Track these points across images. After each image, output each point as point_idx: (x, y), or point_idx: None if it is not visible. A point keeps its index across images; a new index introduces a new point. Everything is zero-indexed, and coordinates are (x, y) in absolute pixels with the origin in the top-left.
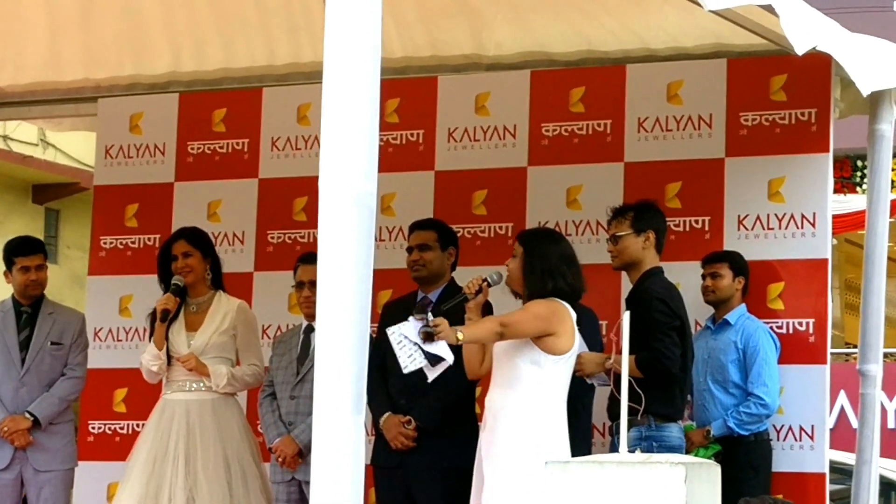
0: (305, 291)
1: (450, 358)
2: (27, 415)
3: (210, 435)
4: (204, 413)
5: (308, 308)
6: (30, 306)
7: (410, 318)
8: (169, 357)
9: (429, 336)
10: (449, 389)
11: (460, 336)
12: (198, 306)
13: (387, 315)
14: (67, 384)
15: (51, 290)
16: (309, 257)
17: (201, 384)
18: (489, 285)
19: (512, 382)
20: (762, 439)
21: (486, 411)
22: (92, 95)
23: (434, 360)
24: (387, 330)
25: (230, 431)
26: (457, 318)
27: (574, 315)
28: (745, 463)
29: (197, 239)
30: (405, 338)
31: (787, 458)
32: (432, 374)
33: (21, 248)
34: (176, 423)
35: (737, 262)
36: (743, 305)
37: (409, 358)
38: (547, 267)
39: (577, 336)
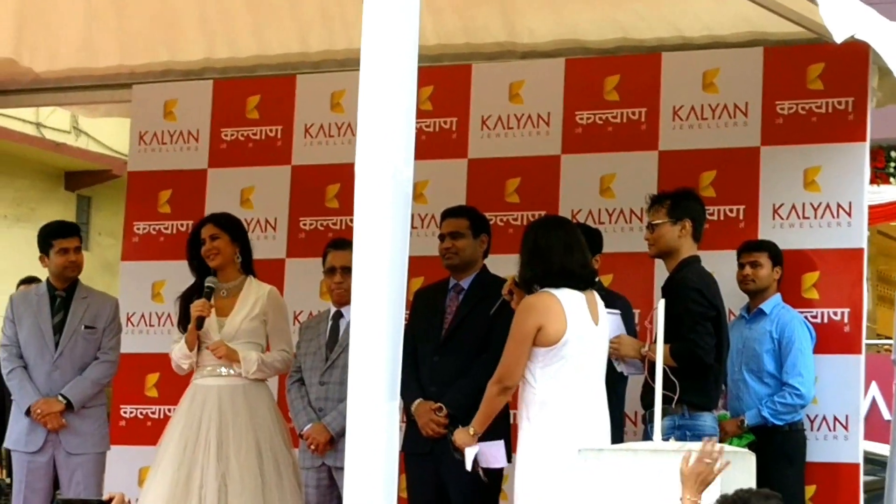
0: (337, 277)
1: (468, 465)
2: (60, 398)
3: (242, 420)
4: (236, 398)
5: (339, 294)
6: (64, 290)
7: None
8: (199, 340)
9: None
10: (480, 377)
11: (472, 431)
12: (228, 291)
13: (418, 302)
14: (100, 368)
15: (82, 277)
16: (340, 243)
17: (232, 370)
18: (518, 285)
19: (522, 382)
20: (797, 429)
21: None
22: (126, 82)
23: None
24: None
25: (261, 417)
26: (509, 314)
27: (572, 298)
28: (779, 453)
29: (224, 222)
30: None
31: (821, 449)
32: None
33: (59, 230)
34: (207, 408)
35: (775, 252)
36: (778, 295)
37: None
38: (530, 256)
39: (582, 320)
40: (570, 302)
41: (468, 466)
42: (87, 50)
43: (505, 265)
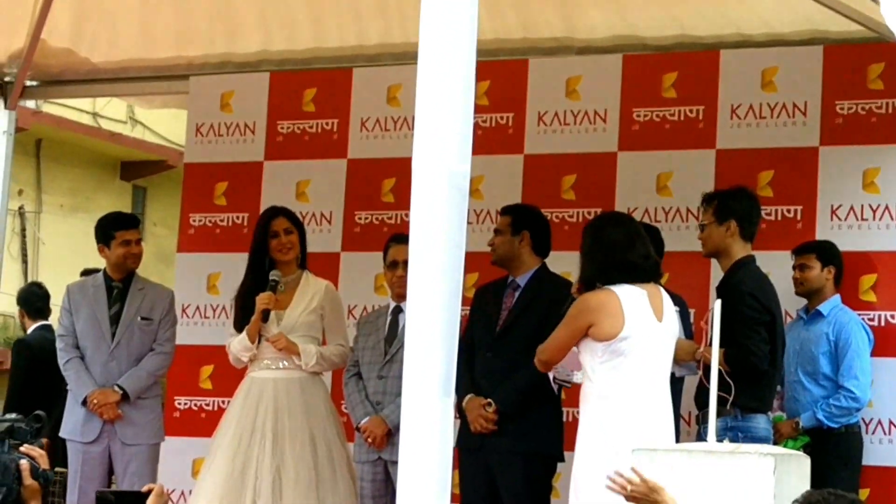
0: (399, 271)
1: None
2: (116, 388)
3: (298, 413)
4: (292, 391)
5: (401, 288)
6: (121, 281)
7: None
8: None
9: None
10: (531, 374)
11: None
12: (285, 284)
13: (477, 298)
14: (156, 359)
15: (138, 267)
16: (402, 237)
17: (290, 362)
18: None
19: (584, 374)
20: (852, 432)
21: None
22: (183, 73)
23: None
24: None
25: (317, 410)
26: None
27: (632, 293)
28: (834, 455)
29: (295, 218)
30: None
31: (876, 452)
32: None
33: (122, 221)
34: (264, 400)
35: (826, 252)
36: (837, 296)
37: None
38: (591, 253)
39: (644, 316)
40: (630, 298)
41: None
42: (144, 41)
43: (561, 262)
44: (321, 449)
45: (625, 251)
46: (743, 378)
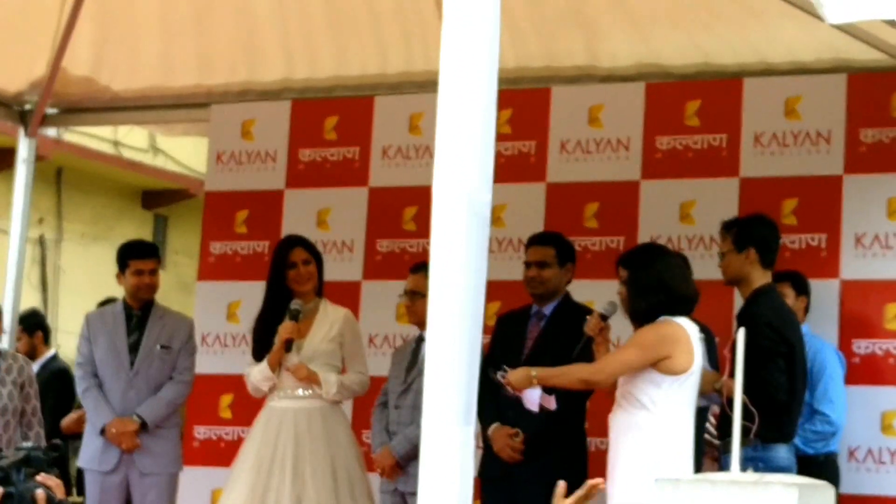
0: (408, 300)
1: (535, 404)
2: (135, 417)
3: (319, 443)
4: (313, 421)
5: (412, 316)
6: (140, 310)
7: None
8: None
9: (505, 387)
10: (558, 403)
11: (534, 373)
12: (304, 314)
13: (500, 327)
14: (175, 388)
15: (158, 296)
16: (418, 267)
17: (310, 391)
18: (605, 319)
19: (633, 403)
20: (831, 460)
21: (609, 430)
22: (204, 101)
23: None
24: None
25: (337, 439)
26: (590, 357)
27: (693, 329)
28: None
29: (312, 247)
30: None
31: None
32: (552, 406)
33: (136, 250)
34: (284, 430)
35: (798, 282)
36: (807, 325)
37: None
38: (647, 285)
39: (699, 351)
40: (692, 332)
41: (533, 407)
42: (165, 69)
43: (583, 290)
44: (342, 478)
45: (684, 283)
46: (761, 409)
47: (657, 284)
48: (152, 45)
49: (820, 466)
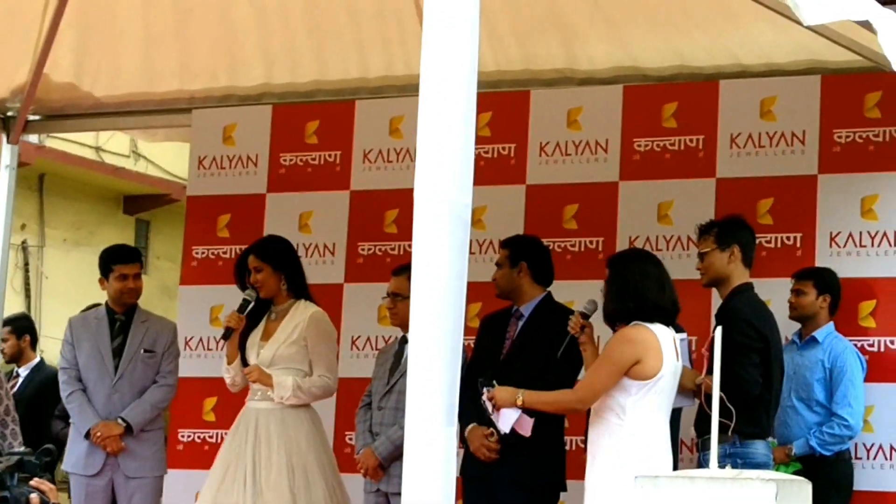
0: (390, 302)
1: (507, 427)
2: (119, 421)
3: (276, 443)
4: (271, 423)
5: (394, 318)
6: (123, 314)
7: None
8: (247, 365)
9: (488, 404)
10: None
11: (520, 399)
12: (277, 315)
13: (483, 327)
14: (159, 392)
15: (140, 301)
16: (399, 269)
17: (272, 393)
18: (586, 317)
19: (604, 409)
20: (843, 458)
21: (588, 434)
22: (186, 107)
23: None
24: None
25: (297, 441)
26: (572, 353)
27: (666, 334)
28: (826, 482)
29: (267, 253)
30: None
31: (877, 477)
32: (525, 433)
33: (120, 255)
34: (249, 431)
35: (823, 280)
36: (831, 324)
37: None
38: (626, 289)
39: (672, 355)
40: (664, 337)
41: (504, 427)
42: (146, 75)
43: (564, 291)
44: (299, 480)
45: (656, 294)
46: (736, 404)
47: (631, 290)
48: (134, 51)
49: (832, 465)
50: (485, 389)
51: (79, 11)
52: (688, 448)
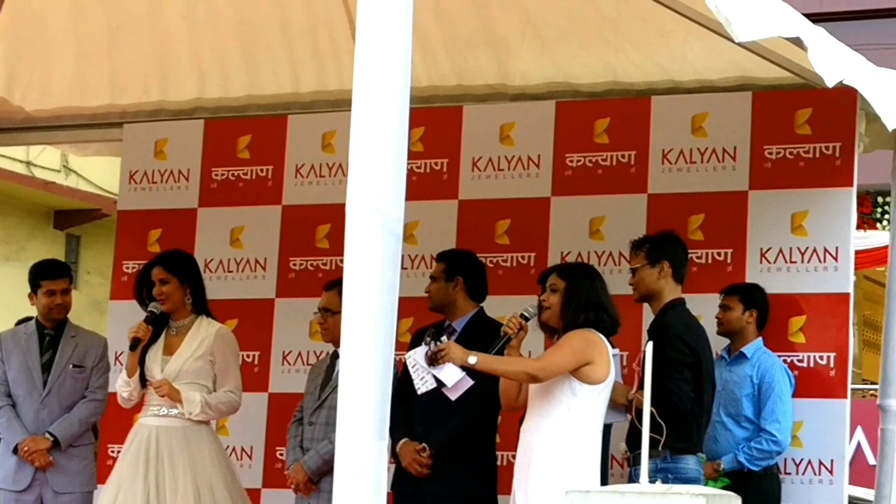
0: (320, 317)
1: (452, 381)
2: (47, 435)
3: (180, 462)
4: (173, 440)
5: (324, 333)
6: (53, 329)
7: (423, 343)
8: (145, 380)
9: (433, 359)
10: (467, 418)
11: (472, 360)
12: (177, 330)
13: (416, 342)
14: (88, 406)
15: (71, 316)
16: (330, 284)
17: (175, 410)
18: (526, 320)
19: (548, 412)
20: (771, 473)
21: (520, 442)
22: (117, 121)
23: (440, 382)
24: (405, 355)
25: (201, 459)
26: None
27: (610, 347)
28: (753, 497)
29: (173, 265)
30: (417, 362)
31: (806, 493)
32: (454, 395)
33: (48, 271)
34: (149, 449)
35: (749, 296)
36: (759, 339)
37: (421, 381)
38: (589, 300)
39: (614, 367)
40: (610, 350)
41: (449, 381)
42: (77, 89)
43: (496, 306)
44: (205, 498)
45: (613, 309)
46: (667, 418)
47: (595, 302)
48: (65, 65)
49: (760, 479)
50: (433, 342)
51: (9, 26)
52: (618, 463)
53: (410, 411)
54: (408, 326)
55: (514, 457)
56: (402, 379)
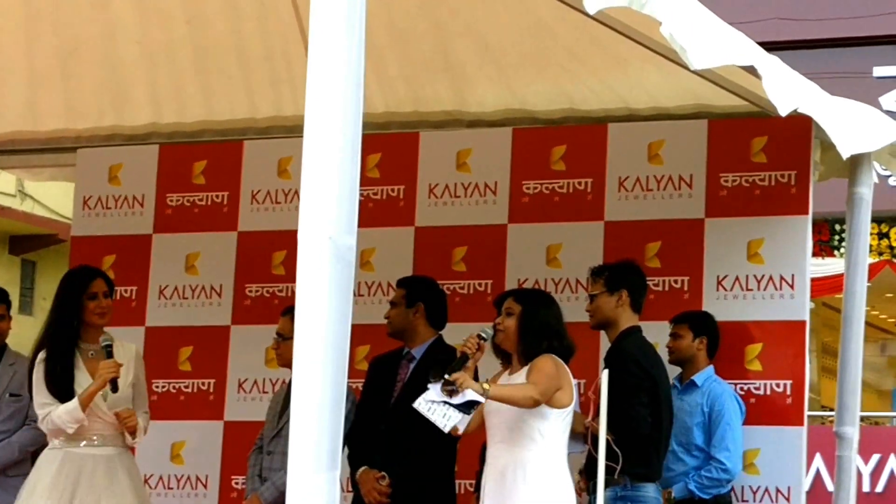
0: (273, 343)
1: (481, 399)
2: None
3: (125, 492)
4: (118, 468)
5: (280, 360)
6: None
7: (430, 385)
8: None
9: (453, 390)
10: (427, 446)
11: (486, 387)
12: (96, 352)
13: (373, 369)
14: (30, 434)
15: (26, 342)
16: (288, 310)
17: (113, 439)
18: (484, 340)
19: (518, 437)
20: (724, 500)
21: (488, 467)
22: (71, 146)
23: (466, 407)
24: (414, 406)
25: (136, 486)
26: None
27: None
28: None
29: (111, 281)
30: (432, 402)
31: None
32: (463, 426)
33: None
34: (84, 479)
35: (699, 323)
36: (710, 367)
37: (444, 418)
38: (546, 326)
39: (575, 394)
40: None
41: (475, 396)
42: (31, 113)
43: (452, 333)
44: None
45: (567, 335)
46: (627, 444)
47: (552, 328)
48: (18, 90)
49: None
50: (442, 377)
51: None
52: (576, 493)
53: (369, 439)
54: (364, 354)
55: (471, 485)
56: (360, 407)
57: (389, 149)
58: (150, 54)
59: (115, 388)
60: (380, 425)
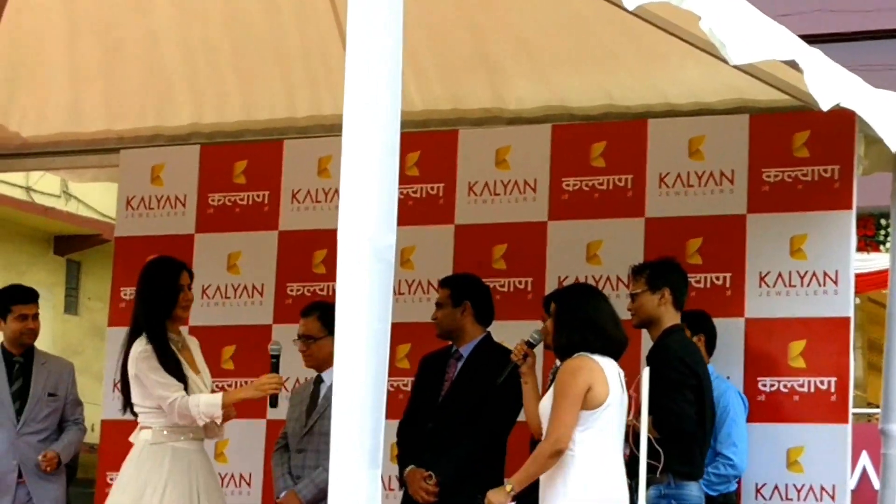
0: (299, 345)
1: None
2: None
3: (214, 484)
4: (207, 462)
5: (307, 360)
6: (21, 356)
7: None
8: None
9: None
10: (474, 445)
11: (509, 488)
12: (181, 343)
13: (422, 368)
14: (78, 433)
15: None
16: (306, 310)
17: (201, 432)
18: (532, 346)
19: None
20: (730, 500)
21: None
22: (114, 147)
23: None
24: None
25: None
26: (515, 383)
27: (611, 366)
28: None
29: (193, 275)
30: None
31: None
32: None
33: (18, 295)
34: (192, 473)
35: (697, 322)
36: (711, 367)
37: None
38: (577, 320)
39: (618, 386)
40: (609, 368)
41: None
42: (74, 115)
43: (493, 331)
44: None
45: (614, 330)
46: (671, 442)
47: (584, 321)
48: (61, 91)
49: None
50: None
51: (4, 51)
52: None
53: (418, 438)
54: (406, 352)
55: None
56: (409, 406)
57: (428, 147)
58: (191, 54)
59: (273, 403)
60: (428, 423)
